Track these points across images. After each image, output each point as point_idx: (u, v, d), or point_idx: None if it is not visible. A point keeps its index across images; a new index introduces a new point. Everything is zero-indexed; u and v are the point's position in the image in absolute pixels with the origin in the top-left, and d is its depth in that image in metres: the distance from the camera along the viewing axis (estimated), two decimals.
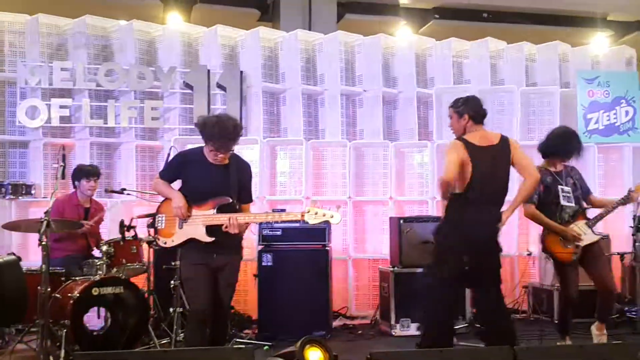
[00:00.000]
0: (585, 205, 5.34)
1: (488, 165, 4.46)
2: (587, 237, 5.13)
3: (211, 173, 4.32)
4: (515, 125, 7.57)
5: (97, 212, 6.06)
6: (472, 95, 4.83)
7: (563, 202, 5.17)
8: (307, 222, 4.19)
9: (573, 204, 5.21)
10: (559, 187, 5.19)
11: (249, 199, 4.52)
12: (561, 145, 5.28)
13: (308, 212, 4.18)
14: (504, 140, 4.60)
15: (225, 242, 4.28)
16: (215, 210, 4.25)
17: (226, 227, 4.17)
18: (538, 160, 5.35)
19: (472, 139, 4.52)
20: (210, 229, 4.25)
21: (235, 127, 4.31)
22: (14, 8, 7.25)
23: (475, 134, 4.56)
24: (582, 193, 5.32)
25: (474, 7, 10.30)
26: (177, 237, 4.33)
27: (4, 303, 4.79)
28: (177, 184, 4.48)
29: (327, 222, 4.23)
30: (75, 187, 5.98)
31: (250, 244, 6.70)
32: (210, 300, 4.24)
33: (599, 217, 5.29)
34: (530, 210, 5.18)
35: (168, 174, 4.51)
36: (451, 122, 4.72)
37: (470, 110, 4.59)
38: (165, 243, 4.39)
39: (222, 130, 4.23)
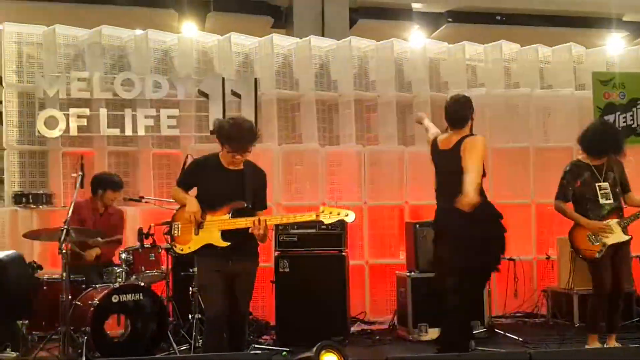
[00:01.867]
0: (624, 203, 5.19)
1: (443, 167, 4.87)
2: (615, 237, 5.02)
3: (226, 178, 4.39)
4: (531, 128, 7.54)
5: (115, 218, 6.09)
6: (448, 100, 5.04)
7: (602, 200, 5.07)
8: (323, 222, 4.26)
9: (612, 201, 5.09)
10: (597, 184, 5.09)
11: (263, 206, 4.54)
12: (597, 142, 5.16)
13: (322, 212, 4.24)
14: (458, 144, 4.75)
15: (241, 248, 4.33)
16: (230, 215, 4.30)
17: (252, 229, 4.23)
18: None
19: (439, 140, 4.94)
20: (225, 234, 4.28)
21: (251, 128, 4.41)
22: (31, 20, 7.36)
23: (444, 135, 4.94)
24: (622, 189, 5.18)
25: (487, 10, 10.29)
26: (193, 244, 4.38)
27: (10, 298, 4.90)
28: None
29: (342, 221, 4.29)
30: (95, 194, 5.99)
31: (267, 250, 6.73)
32: (225, 306, 4.29)
33: (633, 218, 5.12)
34: (558, 204, 5.18)
35: (185, 182, 4.58)
36: None
37: (445, 115, 4.93)
38: (182, 250, 4.44)
39: (239, 132, 4.31)
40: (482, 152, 4.63)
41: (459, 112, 4.80)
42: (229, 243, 4.28)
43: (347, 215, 4.24)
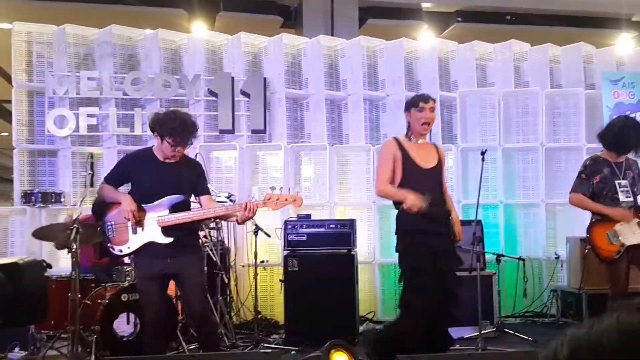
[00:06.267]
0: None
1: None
2: (635, 237, 4.81)
3: (162, 172, 4.25)
4: (541, 127, 7.51)
5: None
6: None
7: (621, 196, 4.88)
8: (270, 209, 4.17)
9: (631, 199, 4.91)
10: (616, 181, 4.91)
11: (205, 192, 4.41)
12: (619, 138, 4.94)
13: (269, 199, 4.11)
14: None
15: (183, 242, 4.21)
16: (168, 211, 4.17)
17: (242, 214, 4.12)
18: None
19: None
20: (167, 230, 4.15)
21: (193, 122, 4.28)
22: (42, 19, 7.39)
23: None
24: (638, 190, 5.00)
25: (496, 9, 10.22)
26: (132, 243, 4.21)
27: (24, 303, 4.89)
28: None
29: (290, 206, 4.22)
30: None
31: (276, 248, 6.74)
32: (159, 311, 4.28)
33: None
34: (575, 197, 5.00)
35: (114, 178, 4.36)
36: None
37: None
38: (120, 251, 4.27)
39: (183, 124, 4.18)
40: None
41: None
42: (171, 239, 4.15)
43: (294, 200, 4.13)
